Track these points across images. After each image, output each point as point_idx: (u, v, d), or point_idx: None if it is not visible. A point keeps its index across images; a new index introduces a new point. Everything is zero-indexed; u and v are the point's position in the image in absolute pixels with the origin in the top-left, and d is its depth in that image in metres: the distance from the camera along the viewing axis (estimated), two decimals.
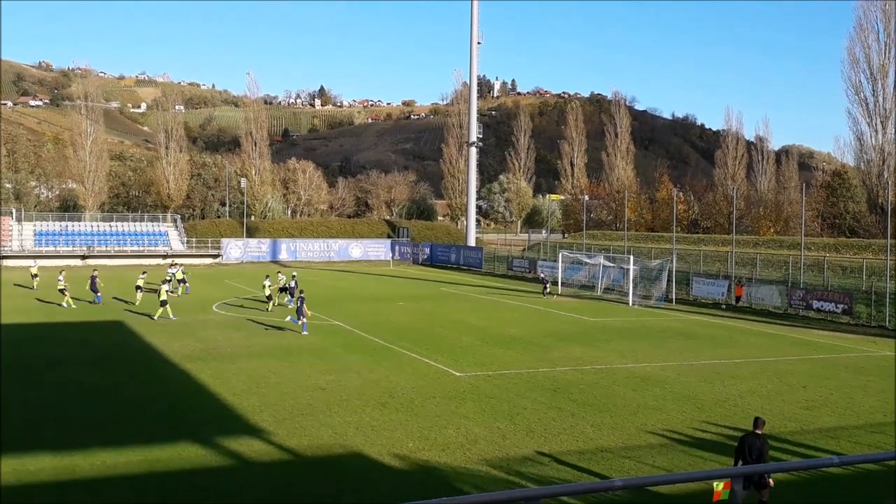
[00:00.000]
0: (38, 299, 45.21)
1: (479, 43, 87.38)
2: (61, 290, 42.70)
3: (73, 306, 41.73)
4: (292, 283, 44.48)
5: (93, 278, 44.17)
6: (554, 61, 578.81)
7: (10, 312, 38.69)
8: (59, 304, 42.16)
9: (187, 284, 49.50)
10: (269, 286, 42.66)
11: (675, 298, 48.08)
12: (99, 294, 43.81)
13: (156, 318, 37.08)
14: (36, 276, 51.82)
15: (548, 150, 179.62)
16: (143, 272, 46.42)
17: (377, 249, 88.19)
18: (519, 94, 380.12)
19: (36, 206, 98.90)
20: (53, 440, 17.58)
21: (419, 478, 15.55)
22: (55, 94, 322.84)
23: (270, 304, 41.93)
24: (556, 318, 40.79)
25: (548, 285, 51.82)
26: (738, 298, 46.48)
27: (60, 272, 45.09)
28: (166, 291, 38.75)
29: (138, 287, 43.14)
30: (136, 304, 42.00)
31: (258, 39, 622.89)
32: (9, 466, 15.59)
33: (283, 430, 18.51)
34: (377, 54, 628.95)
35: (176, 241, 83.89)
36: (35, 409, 20.59)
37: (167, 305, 37.78)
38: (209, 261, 79.99)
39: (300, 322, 33.72)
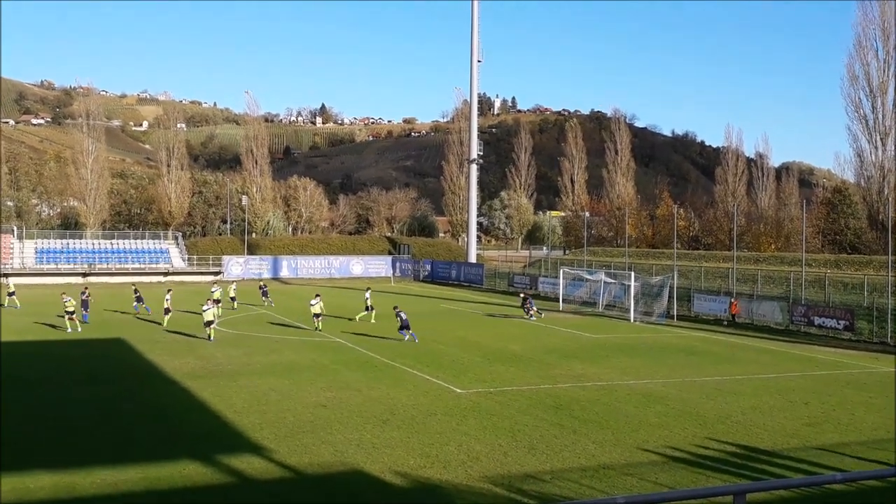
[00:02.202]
0: (56, 323, 45.06)
1: (479, 61, 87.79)
2: (68, 313, 39.85)
3: (80, 329, 39.80)
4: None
5: (83, 295, 43.88)
6: (554, 79, 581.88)
7: (9, 331, 38.68)
8: (56, 327, 40.72)
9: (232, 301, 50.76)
10: (317, 304, 41.68)
11: (677, 315, 48.03)
12: (86, 313, 43.00)
13: (213, 339, 36.40)
14: (13, 293, 50.71)
15: (548, 167, 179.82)
16: (169, 290, 44.91)
17: (378, 266, 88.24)
18: (519, 111, 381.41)
19: (37, 223, 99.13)
20: (53, 458, 17.52)
21: (420, 495, 15.49)
22: (57, 113, 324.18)
23: (318, 321, 41.25)
24: (558, 334, 40.73)
25: (531, 305, 47.93)
26: (734, 315, 46.34)
27: (62, 294, 43.37)
28: (212, 312, 37.91)
29: (166, 310, 41.79)
30: (164, 325, 41.00)
31: (259, 57, 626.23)
32: (8, 485, 15.52)
33: (284, 448, 18.45)
34: (378, 72, 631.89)
35: (177, 259, 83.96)
36: (35, 426, 20.54)
37: (213, 325, 37.18)
38: (210, 278, 79.97)
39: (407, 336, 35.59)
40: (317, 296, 43.12)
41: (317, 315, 41.39)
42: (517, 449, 18.59)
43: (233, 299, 51.01)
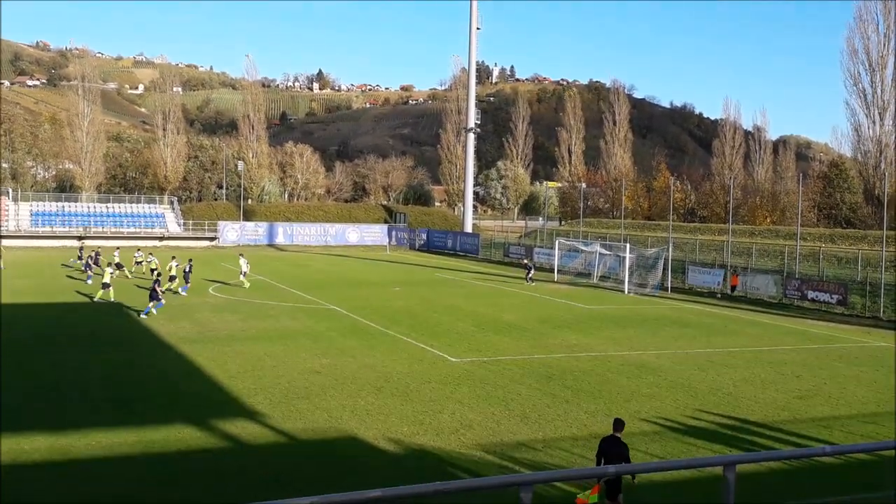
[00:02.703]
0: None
1: (478, 28, 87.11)
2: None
3: (87, 281, 42.40)
4: (186, 268, 42.19)
5: (91, 257, 44.53)
6: (553, 48, 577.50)
7: (5, 293, 38.68)
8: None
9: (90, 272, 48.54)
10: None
11: (671, 287, 48.14)
12: (91, 272, 44.08)
13: (96, 299, 37.11)
14: None
15: (546, 137, 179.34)
16: (150, 254, 45.44)
17: (374, 234, 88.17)
18: (517, 80, 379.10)
19: (32, 186, 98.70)
20: (48, 421, 17.61)
21: (413, 462, 15.61)
22: (52, 75, 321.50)
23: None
24: (552, 305, 40.85)
25: (531, 271, 51.83)
26: (733, 288, 46.56)
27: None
28: (110, 274, 38.30)
29: (172, 277, 41.54)
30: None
31: (257, 22, 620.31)
32: (4, 446, 15.60)
33: (279, 413, 18.56)
34: (376, 39, 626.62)
35: (172, 224, 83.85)
36: (30, 389, 20.62)
37: (110, 288, 37.36)
38: (206, 243, 79.94)
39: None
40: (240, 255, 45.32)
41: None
42: (510, 418, 18.73)
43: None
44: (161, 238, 78.59)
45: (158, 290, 33.99)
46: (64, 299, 38.34)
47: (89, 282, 43.31)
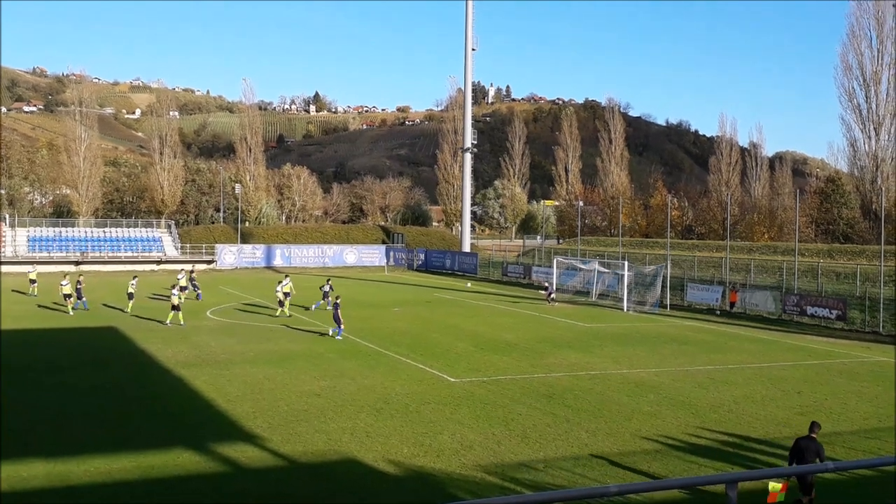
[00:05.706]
0: (41, 305, 45.14)
1: (473, 49, 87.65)
2: (66, 296, 42.63)
3: (84, 308, 42.38)
4: (326, 288, 44.87)
5: (77, 284, 44.20)
6: (548, 67, 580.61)
7: (4, 318, 38.58)
8: (65, 311, 41.92)
9: (199, 291, 49.63)
10: (283, 289, 42.57)
11: (670, 304, 48.11)
12: (84, 300, 43.38)
13: (168, 322, 37.20)
14: (34, 281, 51.75)
15: (542, 156, 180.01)
16: (134, 277, 46.53)
17: (372, 255, 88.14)
18: (513, 100, 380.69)
19: (29, 211, 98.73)
20: (47, 446, 17.50)
21: (414, 484, 15.53)
22: (49, 100, 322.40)
23: (283, 308, 41.84)
24: (551, 323, 40.77)
25: (552, 293, 50.70)
26: (732, 304, 46.51)
27: (64, 276, 45.22)
28: (177, 296, 38.52)
29: (130, 294, 43.13)
30: (128, 311, 42.04)
31: (253, 45, 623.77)
32: (2, 473, 15.51)
33: (278, 437, 18.47)
34: (372, 60, 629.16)
35: (170, 247, 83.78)
36: (29, 414, 20.51)
37: (179, 311, 37.74)
38: (203, 267, 79.82)
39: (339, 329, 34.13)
40: (279, 282, 44.00)
41: (281, 302, 42.24)
42: (510, 438, 18.64)
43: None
44: (158, 262, 78.54)
45: (339, 314, 34.36)
46: (59, 325, 38.22)
47: (82, 308, 42.93)
